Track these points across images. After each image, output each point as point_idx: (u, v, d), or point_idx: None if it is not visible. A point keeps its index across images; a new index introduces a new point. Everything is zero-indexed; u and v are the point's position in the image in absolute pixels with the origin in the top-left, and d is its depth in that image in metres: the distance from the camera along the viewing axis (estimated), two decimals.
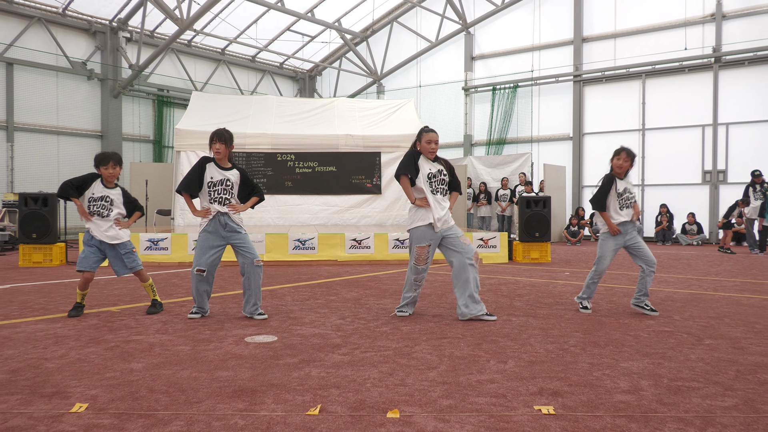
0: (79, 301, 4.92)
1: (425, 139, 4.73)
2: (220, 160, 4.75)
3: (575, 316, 4.96)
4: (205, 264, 4.72)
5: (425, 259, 4.80)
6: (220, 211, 4.72)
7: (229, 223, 4.75)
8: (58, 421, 2.53)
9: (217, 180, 4.72)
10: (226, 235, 4.76)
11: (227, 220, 4.75)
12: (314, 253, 9.51)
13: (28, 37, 14.69)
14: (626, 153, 4.99)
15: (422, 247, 4.76)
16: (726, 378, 3.17)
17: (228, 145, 4.71)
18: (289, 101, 14.54)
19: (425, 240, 4.75)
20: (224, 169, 4.77)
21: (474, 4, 18.66)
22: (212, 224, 4.74)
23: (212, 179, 4.72)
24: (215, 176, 4.72)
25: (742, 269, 8.86)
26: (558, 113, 17.32)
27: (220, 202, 4.72)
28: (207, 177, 4.74)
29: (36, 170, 14.88)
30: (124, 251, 4.91)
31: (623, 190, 5.00)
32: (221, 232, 4.75)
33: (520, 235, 10.16)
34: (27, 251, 9.17)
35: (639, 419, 2.55)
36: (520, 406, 2.72)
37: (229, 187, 4.74)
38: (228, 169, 4.79)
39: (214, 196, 4.72)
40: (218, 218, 4.74)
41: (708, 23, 15.03)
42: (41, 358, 3.55)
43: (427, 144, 4.73)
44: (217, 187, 4.72)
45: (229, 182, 4.74)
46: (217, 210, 4.72)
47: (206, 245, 4.73)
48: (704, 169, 15.08)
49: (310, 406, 2.70)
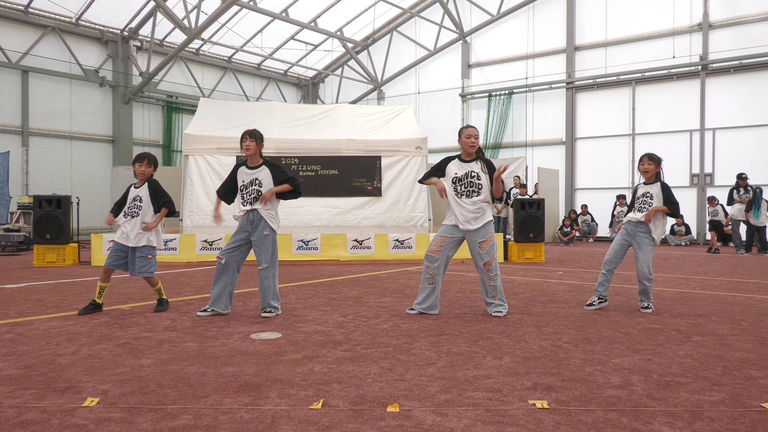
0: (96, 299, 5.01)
1: (465, 134, 4.85)
2: (251, 157, 4.82)
3: (568, 313, 5.01)
4: (225, 253, 4.80)
5: (437, 249, 4.84)
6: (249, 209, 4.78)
7: (255, 220, 4.80)
8: (70, 414, 2.55)
9: (247, 182, 4.80)
10: (250, 230, 4.80)
11: (254, 216, 4.80)
12: (317, 253, 9.68)
13: (43, 45, 15.07)
14: (647, 157, 5.17)
15: (439, 236, 4.88)
16: (713, 373, 3.20)
17: (258, 142, 4.81)
18: (293, 107, 14.66)
19: (445, 231, 4.88)
20: (253, 168, 4.83)
21: (470, 14, 19.07)
22: (242, 220, 4.84)
23: (243, 182, 4.83)
24: (245, 179, 4.82)
25: (729, 269, 8.95)
26: (551, 119, 17.71)
27: (252, 202, 4.79)
28: (239, 182, 4.84)
29: (50, 174, 15.20)
30: (139, 255, 4.97)
31: (642, 194, 5.19)
32: (247, 227, 4.82)
33: (515, 236, 10.38)
34: (41, 251, 9.31)
35: (630, 413, 2.59)
36: (515, 400, 2.76)
37: (257, 185, 4.78)
38: (257, 167, 4.84)
39: (247, 198, 4.80)
40: (248, 215, 4.81)
41: (695, 32, 15.47)
42: (54, 354, 3.58)
43: (467, 139, 4.83)
44: (248, 188, 4.80)
45: (257, 180, 4.80)
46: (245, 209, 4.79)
47: (232, 239, 4.84)
48: (692, 172, 15.48)
49: (313, 401, 2.73)
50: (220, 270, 4.84)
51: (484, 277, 4.88)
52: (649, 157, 5.17)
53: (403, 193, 12.75)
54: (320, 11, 18.30)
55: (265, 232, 4.80)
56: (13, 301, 5.71)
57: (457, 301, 5.70)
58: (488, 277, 4.86)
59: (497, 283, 4.89)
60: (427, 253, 4.88)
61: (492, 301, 4.94)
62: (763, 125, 14.58)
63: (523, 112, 18.24)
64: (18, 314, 4.97)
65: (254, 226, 4.81)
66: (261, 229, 4.79)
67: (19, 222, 12.80)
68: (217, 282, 4.86)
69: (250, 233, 4.82)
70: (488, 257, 4.81)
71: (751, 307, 5.42)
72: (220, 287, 4.86)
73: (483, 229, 4.81)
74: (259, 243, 4.80)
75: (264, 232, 4.79)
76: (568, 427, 2.45)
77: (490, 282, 4.87)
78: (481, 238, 4.81)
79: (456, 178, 4.83)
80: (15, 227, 12.29)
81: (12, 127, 14.67)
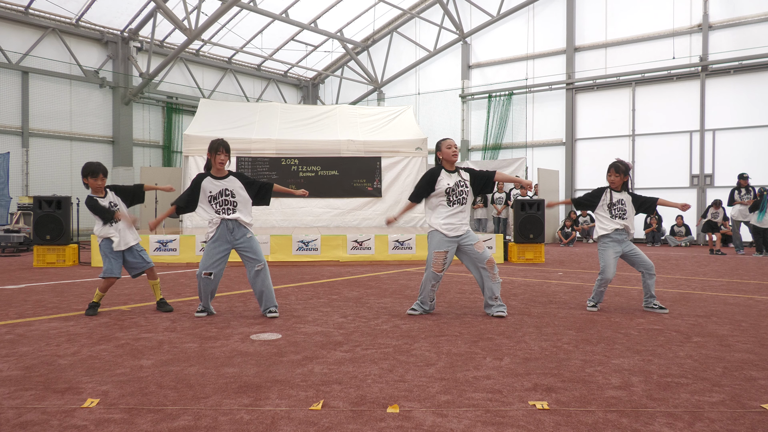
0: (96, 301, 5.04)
1: (445, 145, 4.95)
2: (219, 170, 4.83)
3: (568, 314, 5.01)
4: (212, 267, 4.81)
5: (442, 265, 4.89)
6: (225, 218, 4.79)
7: (235, 227, 4.83)
8: (70, 415, 2.55)
9: (216, 192, 4.80)
10: (231, 239, 4.83)
11: (234, 225, 4.83)
12: (317, 254, 9.70)
13: (43, 46, 15.09)
14: (613, 168, 5.19)
15: (440, 253, 4.87)
16: (713, 374, 3.20)
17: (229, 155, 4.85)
18: (293, 108, 14.70)
19: (443, 245, 4.87)
20: (219, 178, 4.84)
21: (470, 15, 19.10)
22: (218, 231, 4.81)
23: (211, 193, 4.80)
24: (213, 190, 4.80)
25: (729, 270, 8.95)
26: (551, 120, 17.74)
27: (225, 211, 4.80)
28: (206, 192, 4.80)
29: (50, 174, 15.21)
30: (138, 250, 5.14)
31: (617, 201, 5.17)
32: (227, 237, 4.82)
33: (515, 237, 10.39)
34: (41, 252, 9.30)
35: (630, 414, 2.59)
36: (515, 401, 2.76)
37: (229, 195, 4.81)
38: (223, 177, 4.85)
39: (218, 207, 4.80)
40: (225, 224, 4.81)
41: (695, 33, 15.50)
42: (54, 355, 3.58)
43: (447, 149, 4.93)
44: (218, 198, 4.80)
45: (228, 191, 4.82)
46: (221, 218, 4.80)
47: (213, 252, 4.83)
48: (692, 173, 15.51)
49: (313, 401, 2.73)
50: (207, 283, 4.87)
51: (487, 277, 4.91)
52: (615, 168, 5.20)
53: (403, 194, 12.76)
54: (320, 12, 18.33)
55: (248, 235, 4.89)
56: (13, 302, 5.71)
57: (457, 302, 5.70)
58: (491, 275, 4.89)
59: (499, 281, 4.95)
60: (434, 272, 4.90)
61: (494, 303, 4.96)
62: (763, 126, 14.60)
63: (523, 113, 18.27)
64: (18, 315, 4.98)
65: (234, 234, 4.85)
66: (243, 233, 4.87)
67: (19, 223, 12.80)
68: (205, 293, 4.93)
69: (231, 242, 4.86)
70: (488, 255, 4.93)
71: (752, 308, 5.43)
72: (211, 297, 4.98)
73: (471, 232, 4.95)
74: (247, 247, 4.87)
75: (247, 235, 4.89)
76: (568, 428, 2.45)
77: (494, 281, 4.90)
78: (474, 240, 4.92)
79: (449, 188, 4.90)
80: (15, 228, 12.28)
81: (12, 128, 14.69)
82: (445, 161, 4.98)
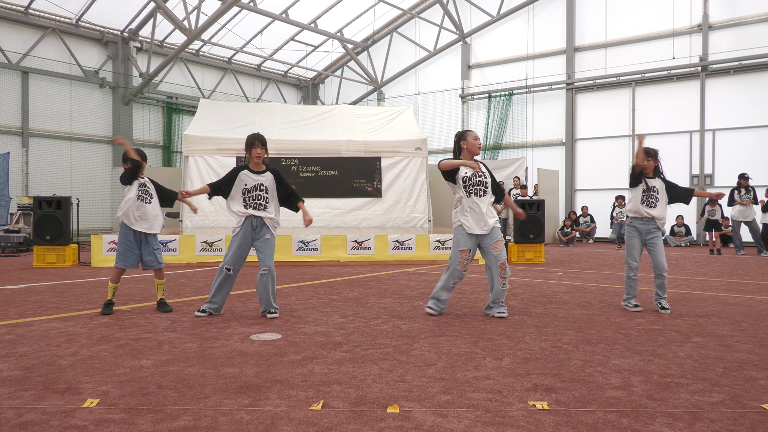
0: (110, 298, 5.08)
1: (472, 136, 4.89)
2: (257, 164, 4.88)
3: (568, 314, 5.03)
4: (231, 263, 4.85)
5: (466, 264, 4.85)
6: (251, 215, 4.82)
7: (258, 225, 4.86)
8: (70, 416, 2.56)
9: (251, 186, 4.83)
10: (253, 236, 4.86)
11: (258, 223, 4.85)
12: (317, 254, 9.71)
13: (43, 46, 15.10)
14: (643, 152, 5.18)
15: (463, 251, 4.83)
16: (713, 374, 3.21)
17: (266, 149, 4.90)
18: (293, 108, 14.70)
19: (465, 243, 4.82)
20: (258, 173, 4.88)
21: (470, 15, 19.11)
22: (243, 227, 4.84)
23: (246, 186, 4.83)
24: (249, 183, 4.83)
25: (729, 270, 8.98)
26: (551, 120, 17.74)
27: (256, 207, 4.83)
28: (241, 185, 4.84)
29: (50, 175, 15.22)
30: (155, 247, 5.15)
31: (651, 187, 5.18)
32: (250, 233, 4.85)
33: (515, 237, 10.41)
34: (41, 252, 9.32)
35: (630, 414, 2.60)
36: (515, 401, 2.77)
37: (263, 191, 4.84)
38: (262, 172, 4.89)
39: (249, 202, 4.82)
40: (250, 221, 4.84)
41: (695, 33, 15.51)
42: (54, 355, 3.59)
43: (474, 140, 4.88)
44: (252, 192, 4.82)
45: (263, 186, 4.85)
46: (247, 214, 4.82)
47: (235, 246, 4.86)
48: (692, 173, 15.51)
49: (313, 402, 2.74)
50: (225, 279, 4.92)
51: (497, 279, 4.86)
52: (646, 152, 5.22)
53: (403, 194, 12.77)
54: (320, 12, 18.35)
55: (267, 236, 4.90)
56: (13, 302, 5.72)
57: (457, 302, 5.70)
58: (501, 279, 4.85)
59: (506, 287, 4.92)
60: (458, 270, 4.86)
61: (495, 306, 4.96)
62: (763, 126, 14.60)
63: (523, 113, 18.27)
64: (18, 315, 4.99)
65: (257, 232, 4.89)
66: (264, 233, 4.88)
67: (19, 223, 12.80)
68: (221, 289, 4.96)
69: (253, 239, 4.90)
70: (503, 257, 4.90)
71: (752, 308, 5.44)
72: (224, 294, 4.99)
73: (496, 230, 4.90)
74: (263, 247, 4.88)
75: (266, 236, 4.89)
76: (568, 428, 2.45)
77: (502, 286, 4.86)
78: (495, 239, 4.87)
79: (466, 177, 4.85)
80: (15, 228, 12.29)
81: (12, 128, 14.70)
82: (467, 152, 4.92)
